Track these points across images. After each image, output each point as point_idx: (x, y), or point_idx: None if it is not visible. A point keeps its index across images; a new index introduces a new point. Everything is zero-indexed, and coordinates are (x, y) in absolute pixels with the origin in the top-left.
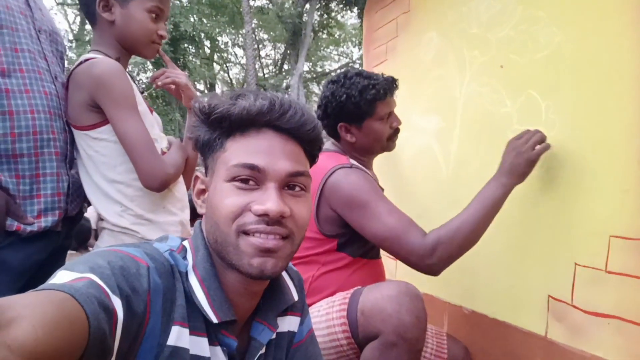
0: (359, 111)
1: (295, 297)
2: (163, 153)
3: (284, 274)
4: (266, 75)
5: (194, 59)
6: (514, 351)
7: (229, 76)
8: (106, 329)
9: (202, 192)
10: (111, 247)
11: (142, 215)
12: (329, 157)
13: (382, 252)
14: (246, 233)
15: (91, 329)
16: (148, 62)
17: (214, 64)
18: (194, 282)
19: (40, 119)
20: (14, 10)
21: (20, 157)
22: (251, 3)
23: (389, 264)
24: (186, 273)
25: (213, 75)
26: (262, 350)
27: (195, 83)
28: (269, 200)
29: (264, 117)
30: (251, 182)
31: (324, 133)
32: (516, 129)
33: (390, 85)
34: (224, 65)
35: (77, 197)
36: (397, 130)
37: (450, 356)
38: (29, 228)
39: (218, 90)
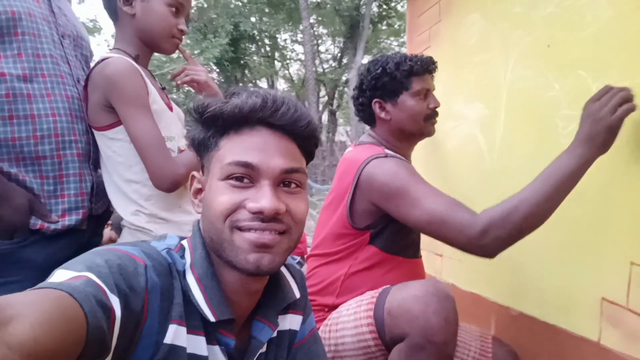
0: (394, 83)
1: (297, 295)
2: (181, 151)
3: (285, 271)
4: (326, 70)
5: (254, 58)
6: (565, 357)
7: (289, 73)
8: (104, 327)
9: (199, 191)
10: (109, 246)
11: (157, 215)
12: (364, 148)
13: (422, 251)
14: (240, 229)
15: (89, 327)
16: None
17: (275, 61)
18: (191, 280)
19: (62, 121)
20: (37, 17)
21: (44, 158)
22: None
23: (435, 260)
24: (184, 272)
25: (274, 72)
26: (263, 349)
27: (257, 81)
28: (263, 197)
29: (257, 114)
30: (246, 180)
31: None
32: (565, 115)
33: (428, 63)
34: (285, 62)
35: (102, 196)
36: (435, 112)
37: None
38: (52, 226)
39: (278, 87)
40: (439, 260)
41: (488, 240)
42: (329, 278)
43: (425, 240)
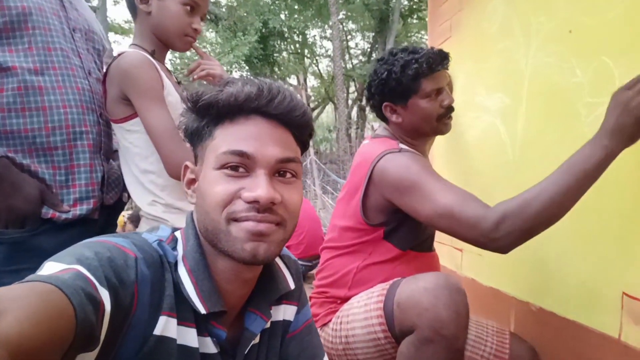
0: (402, 88)
1: (292, 286)
2: None
3: (280, 262)
4: (355, 66)
5: (284, 54)
6: (585, 354)
7: (318, 69)
8: (93, 321)
9: (192, 181)
10: (99, 237)
11: (172, 205)
12: (378, 142)
13: (442, 245)
14: (236, 220)
15: (78, 320)
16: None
17: (304, 58)
18: (182, 272)
19: (73, 113)
20: (47, 12)
21: (55, 149)
22: None
23: (455, 255)
24: (175, 263)
25: (303, 69)
26: (256, 340)
27: (286, 78)
28: (258, 187)
29: (252, 103)
30: (241, 169)
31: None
32: (588, 102)
33: (436, 58)
34: (314, 59)
35: (114, 187)
36: (449, 109)
37: (513, 357)
38: (64, 216)
39: (308, 84)
40: (459, 254)
41: (501, 234)
42: (342, 270)
43: (445, 235)
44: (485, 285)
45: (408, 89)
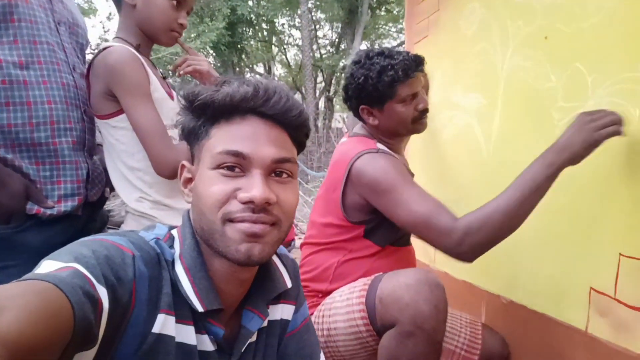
0: (379, 94)
1: (289, 285)
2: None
3: (277, 261)
4: (323, 56)
5: (251, 42)
6: (553, 345)
7: (286, 58)
8: (91, 319)
9: (189, 180)
10: (96, 236)
11: (160, 201)
12: (357, 141)
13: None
14: (232, 220)
15: (76, 318)
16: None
17: (272, 46)
18: (180, 271)
19: (57, 109)
20: (33, 4)
21: (39, 145)
22: None
23: (429, 249)
24: (172, 262)
25: (271, 57)
26: (253, 339)
27: (254, 66)
28: (254, 187)
29: (248, 103)
30: (236, 169)
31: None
32: (561, 106)
33: (411, 64)
34: (282, 47)
35: (97, 183)
36: (424, 112)
37: (485, 348)
38: (49, 212)
39: (275, 72)
40: (432, 249)
41: (466, 247)
42: (323, 265)
43: None
44: (458, 279)
45: (384, 95)
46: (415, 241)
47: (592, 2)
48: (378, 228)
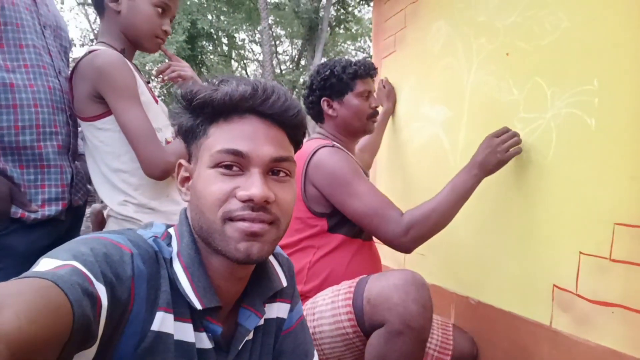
0: (341, 84)
1: (284, 283)
2: (168, 142)
3: (273, 260)
4: (283, 72)
5: (211, 56)
6: (520, 342)
7: (246, 73)
8: (90, 316)
9: (186, 179)
10: (94, 234)
11: (145, 204)
12: (313, 141)
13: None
14: (231, 219)
15: (75, 316)
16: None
17: (232, 61)
18: (178, 268)
19: (44, 112)
20: (19, 6)
21: (24, 149)
22: None
23: (398, 255)
24: (170, 260)
25: (231, 72)
26: (250, 337)
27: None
28: (253, 185)
29: (247, 102)
30: (235, 168)
31: (308, 120)
32: (523, 117)
33: (370, 67)
34: (242, 62)
35: (81, 188)
36: (375, 112)
37: (456, 348)
38: (33, 215)
39: None
40: (402, 254)
41: (408, 238)
42: (296, 268)
43: None
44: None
45: (346, 86)
46: (383, 247)
47: (549, 22)
48: (342, 222)
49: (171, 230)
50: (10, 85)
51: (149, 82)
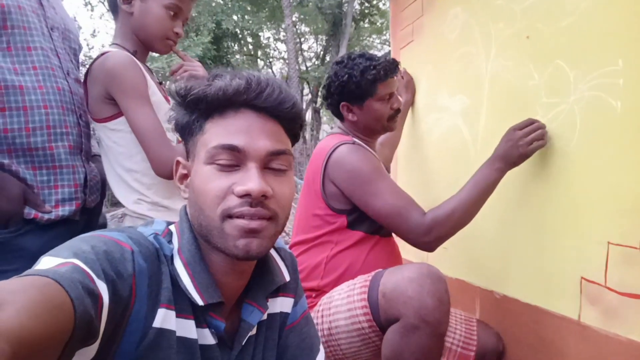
0: (360, 91)
1: (287, 278)
2: (179, 141)
3: (275, 255)
4: (309, 69)
5: (237, 56)
6: (547, 337)
7: (272, 71)
8: (91, 314)
9: (185, 176)
10: (95, 232)
11: (158, 203)
12: (333, 137)
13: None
14: (230, 216)
15: (76, 314)
16: None
17: (258, 60)
18: (179, 265)
19: (54, 113)
20: (26, 10)
21: (35, 150)
22: None
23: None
24: (171, 257)
25: (258, 71)
26: (253, 332)
27: None
28: (250, 180)
29: (241, 96)
30: (232, 163)
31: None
32: (545, 103)
33: (391, 66)
34: (267, 61)
35: (96, 190)
36: (397, 111)
37: (480, 343)
38: (46, 216)
39: None
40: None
41: (432, 237)
42: (313, 263)
43: None
44: (451, 277)
45: (366, 92)
46: (403, 242)
47: (569, 1)
48: (361, 219)
49: (172, 228)
50: (20, 88)
51: (161, 83)
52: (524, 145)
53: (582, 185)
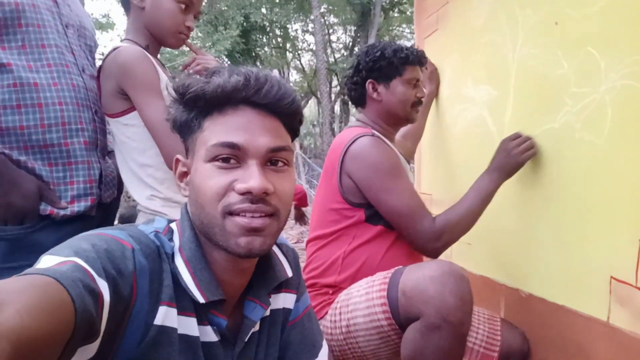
0: (390, 68)
1: (289, 274)
2: None
3: (277, 250)
4: (337, 60)
5: (265, 49)
6: (574, 338)
7: (301, 63)
8: (92, 312)
9: (184, 174)
10: (95, 230)
11: (171, 198)
12: (352, 130)
13: None
14: (231, 213)
15: (77, 312)
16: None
17: (287, 52)
18: (180, 263)
19: (69, 110)
20: (40, 7)
21: (51, 146)
22: None
23: None
24: (172, 254)
25: (286, 63)
26: (256, 328)
27: None
28: (251, 177)
29: (240, 93)
30: (232, 161)
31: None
32: (574, 92)
33: (421, 55)
34: (296, 53)
35: (112, 185)
36: (420, 101)
37: (504, 344)
38: (62, 212)
39: (290, 78)
40: None
41: (441, 243)
42: (330, 258)
43: None
44: (475, 274)
45: (395, 70)
46: None
47: None
48: (379, 213)
49: (173, 225)
50: (35, 85)
51: (174, 77)
52: (517, 154)
53: (613, 180)
